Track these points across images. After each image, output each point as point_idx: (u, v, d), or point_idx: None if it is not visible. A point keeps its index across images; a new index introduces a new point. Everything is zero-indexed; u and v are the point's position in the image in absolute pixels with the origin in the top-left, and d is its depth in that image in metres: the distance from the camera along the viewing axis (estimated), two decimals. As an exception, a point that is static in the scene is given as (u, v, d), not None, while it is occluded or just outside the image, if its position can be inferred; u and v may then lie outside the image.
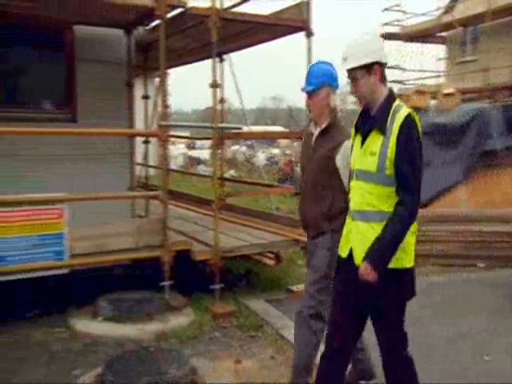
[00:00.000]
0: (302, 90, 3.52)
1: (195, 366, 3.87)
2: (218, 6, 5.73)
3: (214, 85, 5.63)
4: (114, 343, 4.47)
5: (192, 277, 5.76)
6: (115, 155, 6.37)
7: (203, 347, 4.51)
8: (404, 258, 2.69)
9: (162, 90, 5.69)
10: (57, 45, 6.32)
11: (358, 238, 2.74)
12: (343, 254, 2.85)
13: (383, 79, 2.74)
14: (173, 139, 10.88)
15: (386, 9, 17.65)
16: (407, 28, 18.51)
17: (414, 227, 2.70)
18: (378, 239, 2.63)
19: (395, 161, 2.61)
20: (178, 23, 5.97)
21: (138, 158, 7.86)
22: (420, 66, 17.14)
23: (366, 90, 2.72)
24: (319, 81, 3.42)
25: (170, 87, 9.09)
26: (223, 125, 6.18)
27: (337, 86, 3.51)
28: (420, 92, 10.73)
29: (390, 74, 9.46)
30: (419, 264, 3.81)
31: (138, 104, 7.45)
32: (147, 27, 6.79)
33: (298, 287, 5.83)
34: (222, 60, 7.84)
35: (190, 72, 57.77)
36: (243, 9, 6.73)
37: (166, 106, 5.62)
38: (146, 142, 7.97)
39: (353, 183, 2.80)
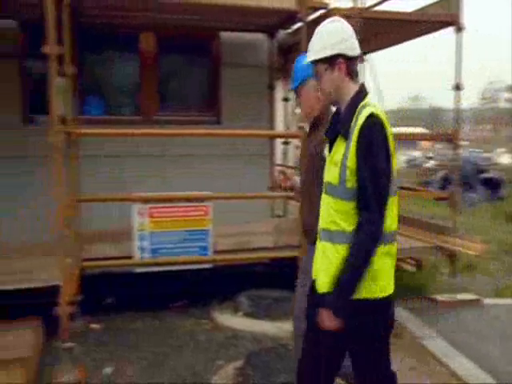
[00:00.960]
0: (290, 90, 3.23)
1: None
2: (359, 5, 5.66)
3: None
4: (253, 338, 4.62)
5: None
6: (256, 156, 6.58)
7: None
8: (373, 286, 2.26)
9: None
10: (203, 51, 6.73)
11: (322, 262, 2.33)
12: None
13: (351, 74, 2.35)
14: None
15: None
16: None
17: (388, 248, 2.28)
18: (340, 273, 2.21)
19: (356, 171, 2.20)
20: (320, 25, 5.98)
21: (277, 159, 8.03)
22: None
23: (330, 87, 2.36)
24: (303, 74, 3.11)
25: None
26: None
27: None
28: None
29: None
30: None
31: (278, 106, 7.63)
32: (288, 30, 6.92)
33: (442, 296, 5.52)
34: (362, 60, 7.70)
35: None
36: (385, 7, 6.57)
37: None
38: (286, 144, 8.10)
39: (322, 197, 2.40)
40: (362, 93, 2.34)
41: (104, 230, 5.66)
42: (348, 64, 2.32)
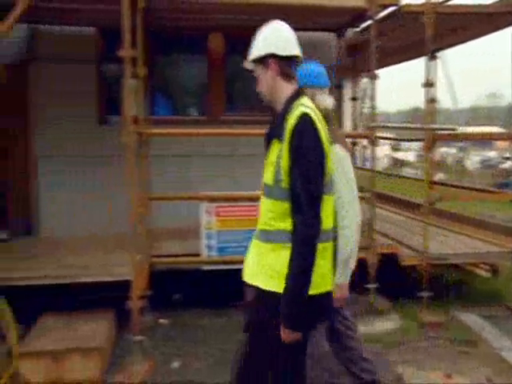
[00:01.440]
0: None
1: (401, 373, 3.74)
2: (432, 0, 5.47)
3: (428, 84, 5.38)
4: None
5: (397, 282, 5.58)
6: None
7: (409, 355, 4.33)
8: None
9: (372, 91, 5.63)
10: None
11: (259, 263, 2.31)
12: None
13: (285, 74, 2.34)
14: (381, 141, 10.70)
15: None
16: None
17: (322, 247, 2.20)
18: (286, 284, 2.15)
19: (289, 173, 2.19)
20: (390, 22, 5.85)
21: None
22: None
23: (264, 87, 2.39)
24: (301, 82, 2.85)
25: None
26: (436, 125, 5.86)
27: (319, 84, 3.08)
28: None
29: None
30: None
31: (346, 106, 7.52)
32: (357, 29, 6.81)
33: (521, 305, 5.24)
34: (434, 57, 7.44)
35: (390, 72, 56.30)
36: (460, 0, 6.31)
37: (373, 107, 5.56)
38: (354, 144, 7.98)
39: (261, 199, 2.40)
40: (297, 93, 2.35)
41: (172, 228, 5.82)
42: (280, 64, 2.34)
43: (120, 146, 4.26)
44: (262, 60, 2.37)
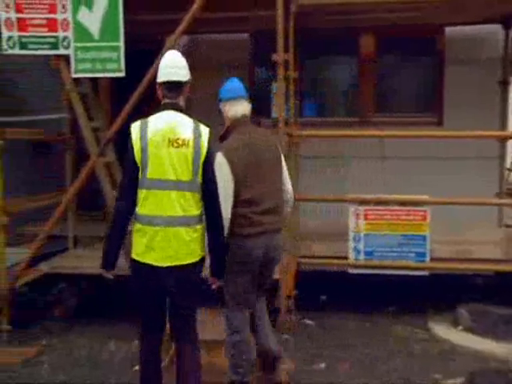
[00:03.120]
0: None
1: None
2: None
3: None
4: (475, 356, 4.24)
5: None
6: (483, 159, 6.03)
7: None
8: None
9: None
10: (425, 49, 6.44)
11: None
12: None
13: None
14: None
15: None
16: None
17: (138, 227, 2.91)
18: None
19: None
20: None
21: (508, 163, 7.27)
22: None
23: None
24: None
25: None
26: None
27: (230, 97, 3.49)
28: None
29: None
30: None
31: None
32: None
33: None
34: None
35: None
36: None
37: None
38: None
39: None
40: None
41: (320, 229, 5.82)
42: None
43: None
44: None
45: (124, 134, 3.18)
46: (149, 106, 3.41)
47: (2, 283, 4.41)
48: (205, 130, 2.95)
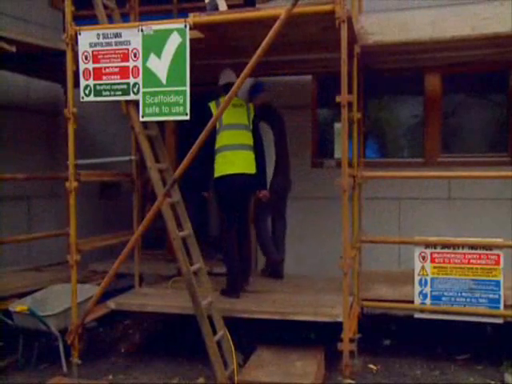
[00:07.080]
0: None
1: None
2: None
3: None
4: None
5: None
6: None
7: None
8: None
9: None
10: (495, 86, 6.31)
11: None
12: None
13: None
14: None
15: None
16: None
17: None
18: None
19: None
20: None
21: None
22: None
23: None
24: None
25: None
26: None
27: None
28: None
29: None
30: None
31: None
32: None
33: None
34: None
35: None
36: None
37: None
38: None
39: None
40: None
41: (384, 271, 5.67)
42: None
43: (333, 189, 4.35)
44: None
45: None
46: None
47: (74, 318, 4.57)
48: None
